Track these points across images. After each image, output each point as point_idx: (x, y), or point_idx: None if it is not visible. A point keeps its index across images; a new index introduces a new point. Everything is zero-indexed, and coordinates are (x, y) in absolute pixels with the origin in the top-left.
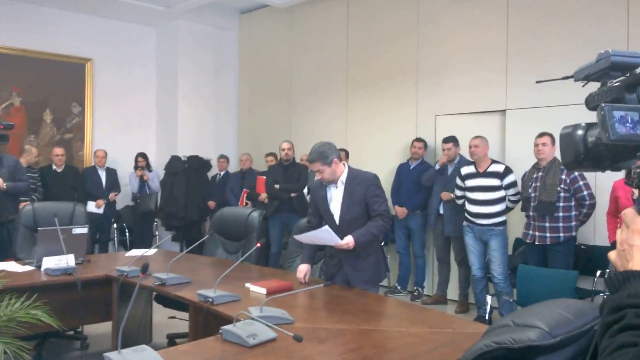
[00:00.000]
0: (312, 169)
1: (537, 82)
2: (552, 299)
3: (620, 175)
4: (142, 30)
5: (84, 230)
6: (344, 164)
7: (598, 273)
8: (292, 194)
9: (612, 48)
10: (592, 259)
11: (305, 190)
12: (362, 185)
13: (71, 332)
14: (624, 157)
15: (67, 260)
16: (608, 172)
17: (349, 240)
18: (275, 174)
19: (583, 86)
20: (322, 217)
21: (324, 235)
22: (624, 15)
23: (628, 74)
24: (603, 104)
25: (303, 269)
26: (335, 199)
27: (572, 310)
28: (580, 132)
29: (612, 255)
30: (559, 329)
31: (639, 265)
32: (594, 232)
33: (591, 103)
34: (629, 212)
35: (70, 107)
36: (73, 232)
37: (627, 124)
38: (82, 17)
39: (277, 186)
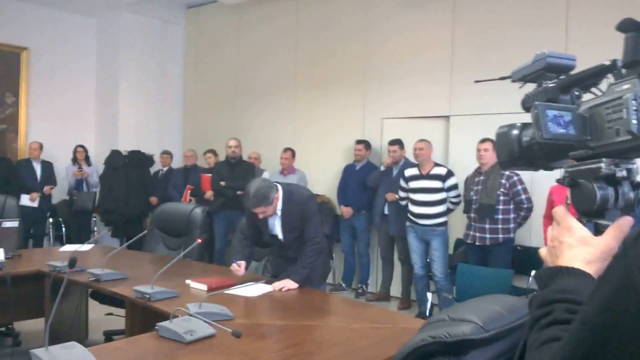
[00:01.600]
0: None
1: (476, 81)
2: (487, 295)
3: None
4: (82, 20)
5: (14, 223)
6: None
7: (533, 272)
8: (238, 192)
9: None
10: (528, 259)
11: None
12: (296, 209)
13: (2, 329)
14: (557, 157)
15: None
16: (545, 177)
17: (289, 285)
18: (221, 171)
19: (520, 87)
20: (261, 233)
21: (260, 287)
22: (563, 25)
23: (563, 76)
24: (537, 103)
25: (241, 264)
26: (276, 224)
27: (505, 306)
28: (515, 131)
29: (542, 251)
30: (492, 324)
31: (568, 261)
32: (530, 234)
33: (526, 103)
34: (559, 210)
35: (3, 97)
36: (3, 226)
37: (560, 124)
38: (19, 5)
39: (222, 183)
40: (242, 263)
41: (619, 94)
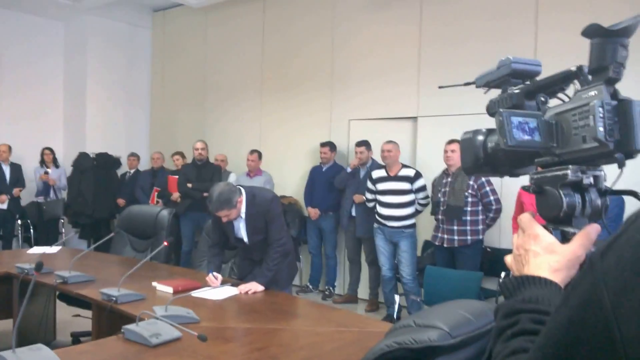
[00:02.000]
0: (220, 216)
1: (440, 87)
2: (455, 300)
3: (527, 181)
4: (49, 23)
5: None
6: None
7: (502, 274)
8: (205, 194)
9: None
10: (497, 261)
11: None
12: (260, 211)
13: None
14: (522, 164)
15: None
16: (514, 179)
17: (255, 288)
18: (188, 173)
19: (485, 93)
20: (227, 236)
21: (226, 290)
22: (532, 28)
23: (528, 82)
24: (501, 110)
25: (217, 277)
26: (240, 227)
27: (473, 311)
28: (480, 137)
29: (508, 259)
30: (459, 330)
31: (534, 270)
32: (500, 236)
33: (491, 109)
34: (524, 217)
35: None
36: None
37: (525, 131)
38: None
39: (189, 185)
40: (219, 277)
41: (586, 101)
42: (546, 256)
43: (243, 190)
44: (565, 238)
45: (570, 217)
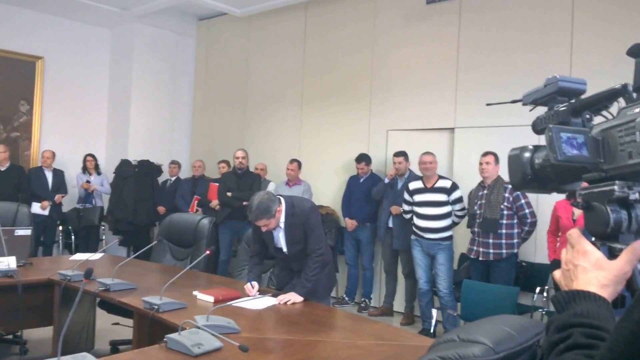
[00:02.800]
0: (259, 226)
1: (488, 104)
2: (496, 315)
3: (562, 195)
4: (96, 31)
5: (27, 232)
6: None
7: (537, 289)
8: (244, 202)
9: (558, 73)
10: (532, 275)
11: None
12: (299, 221)
13: (10, 337)
14: (570, 180)
15: (8, 262)
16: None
17: (294, 299)
18: (228, 182)
19: (531, 110)
20: (267, 246)
21: (266, 300)
22: (568, 41)
23: (574, 99)
24: (551, 126)
25: (254, 286)
26: (280, 237)
27: (514, 327)
28: (527, 154)
29: (556, 274)
30: (503, 345)
31: (583, 285)
32: (535, 250)
33: (538, 126)
34: (574, 233)
35: (18, 105)
36: (15, 234)
37: (574, 145)
38: (35, 15)
39: (229, 194)
40: (256, 286)
41: (632, 117)
42: (595, 272)
43: (282, 200)
44: (612, 254)
45: (617, 233)
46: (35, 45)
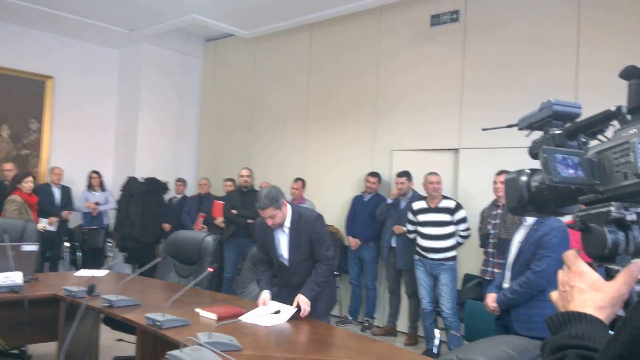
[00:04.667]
0: (263, 216)
1: (483, 129)
2: (496, 336)
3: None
4: (105, 51)
5: (33, 247)
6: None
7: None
8: (249, 220)
9: (560, 98)
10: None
11: None
12: (306, 227)
13: (15, 351)
14: (566, 202)
15: (14, 278)
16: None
17: (303, 305)
18: (233, 200)
19: (527, 136)
20: (270, 257)
21: (276, 316)
22: (574, 61)
23: (569, 123)
24: (545, 147)
25: (266, 297)
26: (283, 242)
27: (514, 347)
28: (524, 177)
29: (553, 295)
30: None
31: (579, 307)
32: None
33: (534, 150)
34: (570, 254)
35: (28, 123)
36: (22, 249)
37: (569, 165)
38: (46, 35)
39: (234, 211)
40: (268, 298)
41: (626, 139)
42: (591, 293)
43: (289, 204)
44: (609, 275)
45: (615, 254)
46: (45, 65)
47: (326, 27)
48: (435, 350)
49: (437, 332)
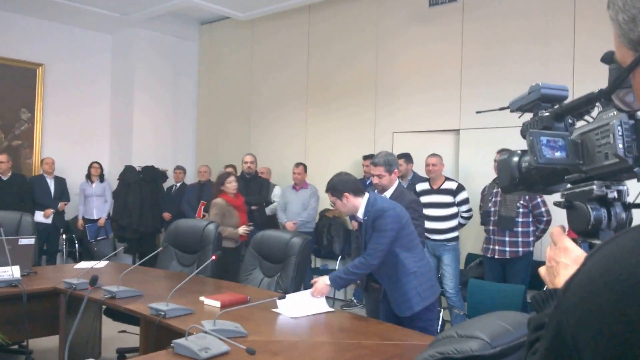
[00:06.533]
0: (372, 173)
1: (477, 112)
2: (495, 311)
3: None
4: (97, 36)
5: (30, 241)
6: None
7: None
8: (253, 207)
9: (556, 79)
10: None
11: (272, 205)
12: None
13: (15, 346)
14: (554, 181)
15: (12, 272)
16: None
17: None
18: None
19: (519, 117)
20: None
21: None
22: (571, 39)
23: (557, 105)
24: (531, 130)
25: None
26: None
27: (512, 322)
28: (515, 158)
29: (542, 271)
30: (499, 340)
31: (564, 281)
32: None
33: (524, 132)
34: (555, 231)
35: (19, 113)
36: (19, 243)
37: (554, 148)
38: (35, 22)
39: None
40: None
41: (607, 121)
42: (575, 268)
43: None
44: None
45: (598, 230)
46: (35, 52)
47: (324, 9)
48: (438, 329)
49: (440, 312)
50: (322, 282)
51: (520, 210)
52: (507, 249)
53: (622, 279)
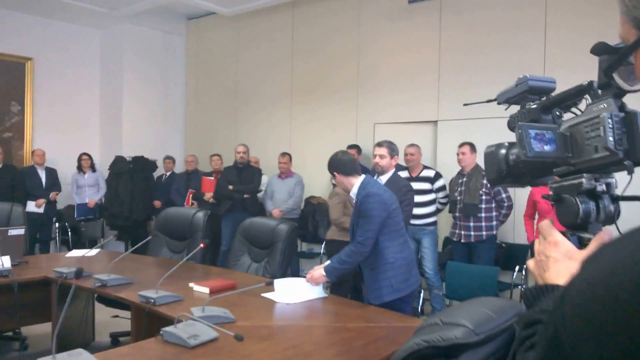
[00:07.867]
0: (376, 153)
1: (465, 104)
2: (477, 298)
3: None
4: (86, 31)
5: (20, 231)
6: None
7: (517, 268)
8: (245, 195)
9: (529, 72)
10: (511, 255)
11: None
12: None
13: (10, 333)
14: (542, 174)
15: (2, 262)
16: None
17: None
18: (229, 176)
19: (506, 109)
20: None
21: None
22: (542, 38)
23: (544, 97)
24: (520, 123)
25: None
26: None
27: (494, 309)
28: (502, 151)
29: (530, 264)
30: (483, 327)
31: (554, 276)
32: (513, 232)
33: (511, 124)
34: (544, 225)
35: (9, 106)
36: (9, 234)
37: (543, 141)
38: (23, 17)
39: (230, 187)
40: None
41: (597, 113)
42: (565, 262)
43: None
44: (581, 244)
45: (586, 223)
46: (24, 46)
47: (307, 4)
48: (419, 309)
49: (421, 292)
50: (319, 272)
51: (483, 197)
52: (472, 233)
53: (626, 287)
